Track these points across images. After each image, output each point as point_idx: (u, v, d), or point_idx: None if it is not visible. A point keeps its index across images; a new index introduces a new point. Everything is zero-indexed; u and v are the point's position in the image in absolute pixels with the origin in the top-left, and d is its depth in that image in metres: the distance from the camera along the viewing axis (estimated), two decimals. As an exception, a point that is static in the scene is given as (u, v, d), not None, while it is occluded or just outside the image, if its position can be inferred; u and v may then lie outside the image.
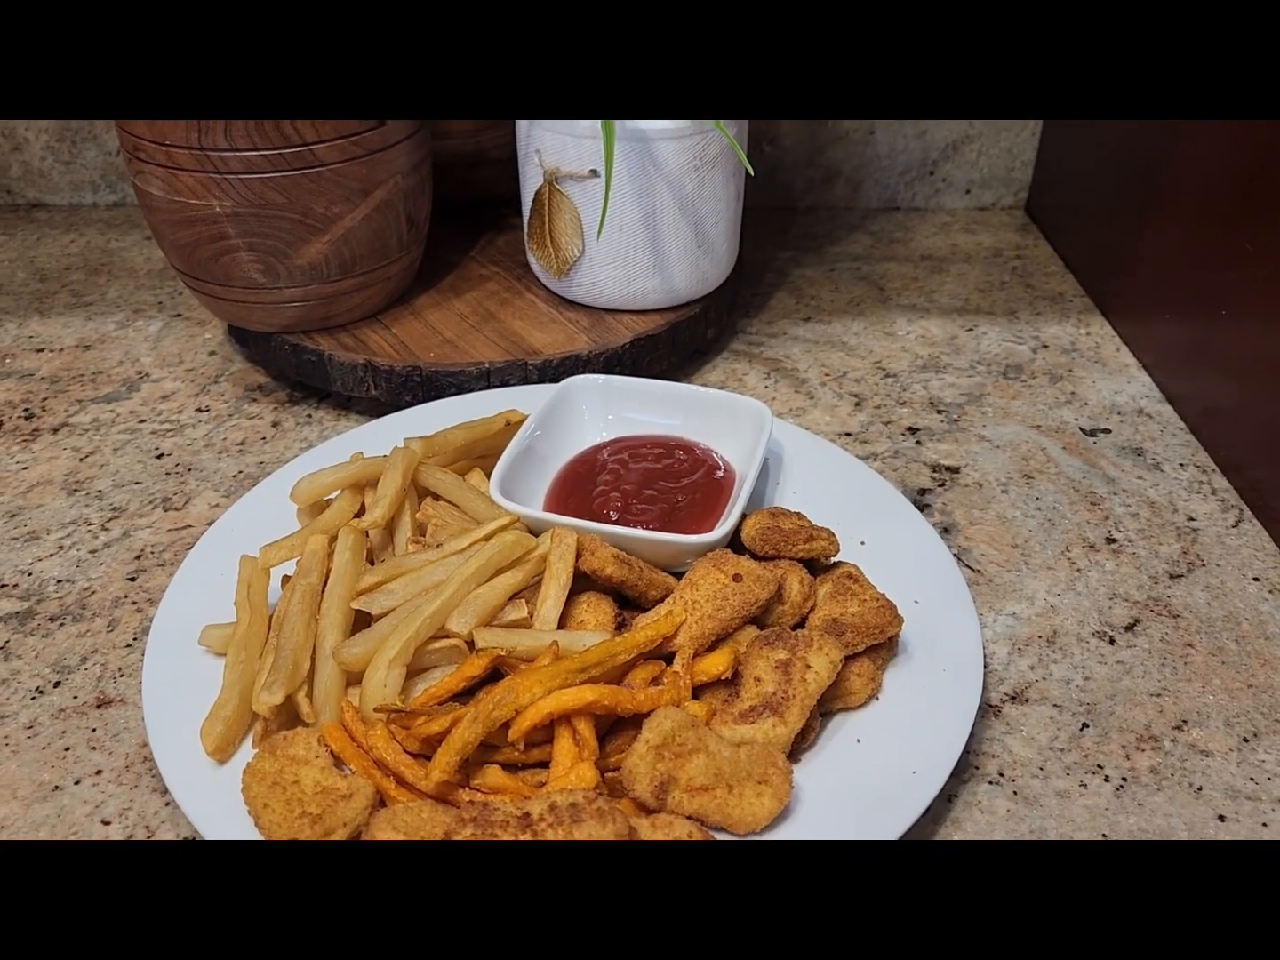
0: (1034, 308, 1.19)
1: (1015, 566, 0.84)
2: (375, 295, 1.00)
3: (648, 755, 0.59)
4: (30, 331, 1.14)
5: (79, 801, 0.66)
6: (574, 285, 1.02)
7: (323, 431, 0.99)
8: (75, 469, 0.94)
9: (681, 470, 0.83)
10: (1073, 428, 0.99)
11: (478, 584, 0.68)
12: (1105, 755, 0.69)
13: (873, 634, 0.68)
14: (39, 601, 0.80)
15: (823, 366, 1.09)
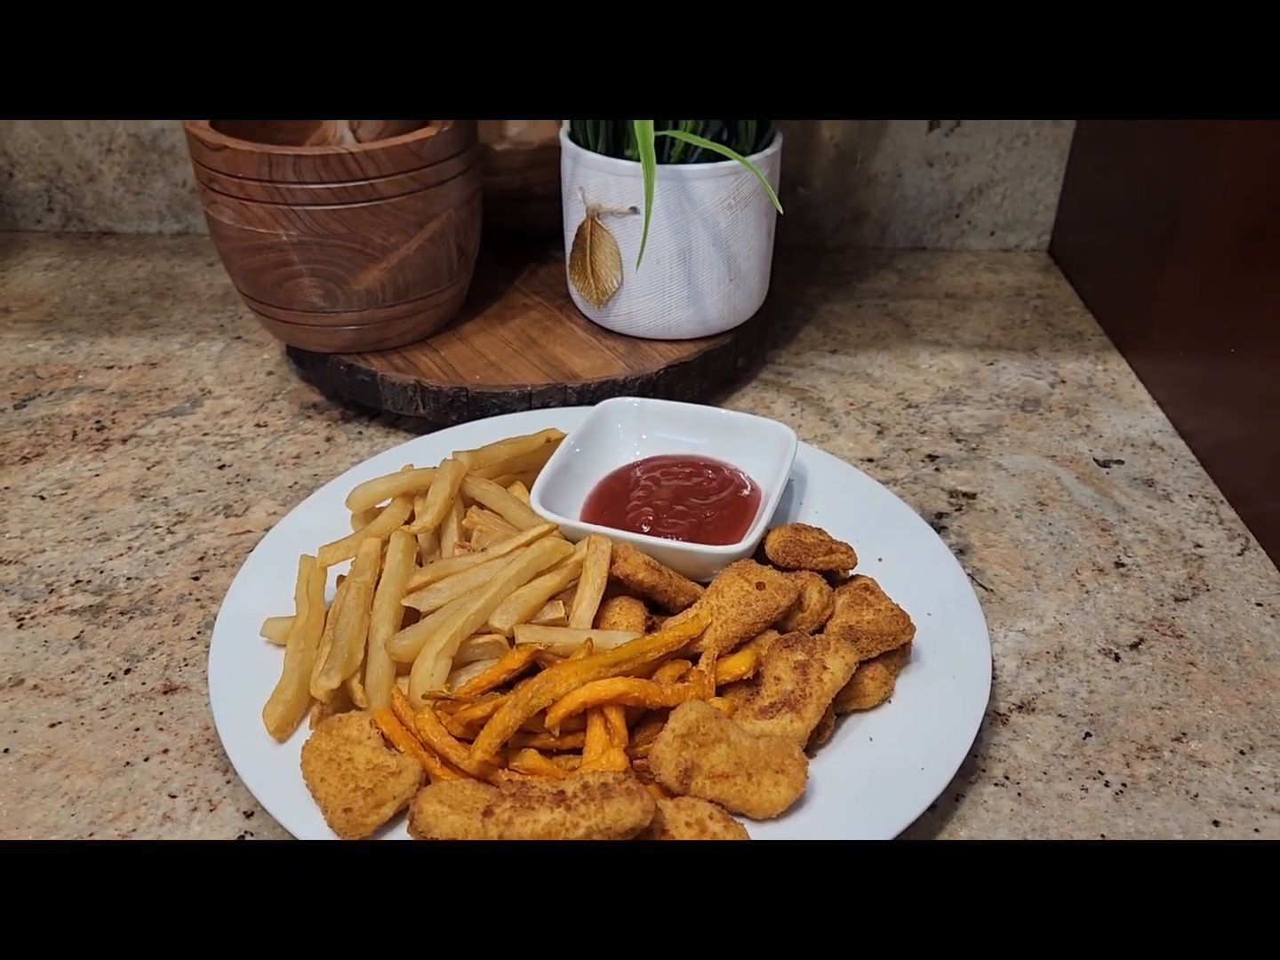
0: (1053, 344, 1.24)
1: (1027, 587, 0.88)
2: (426, 320, 1.06)
3: (673, 743, 0.63)
4: (101, 350, 1.21)
5: (148, 777, 0.71)
6: (612, 315, 1.08)
7: (373, 447, 1.05)
8: (143, 477, 1.01)
9: (710, 488, 0.88)
10: (1087, 459, 1.04)
11: (519, 585, 0.73)
12: (1106, 762, 0.73)
13: (886, 640, 0.72)
14: (110, 597, 0.86)
15: (848, 396, 1.14)
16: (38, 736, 0.74)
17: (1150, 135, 1.17)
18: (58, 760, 0.73)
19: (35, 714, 0.76)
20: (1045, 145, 1.39)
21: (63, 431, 1.07)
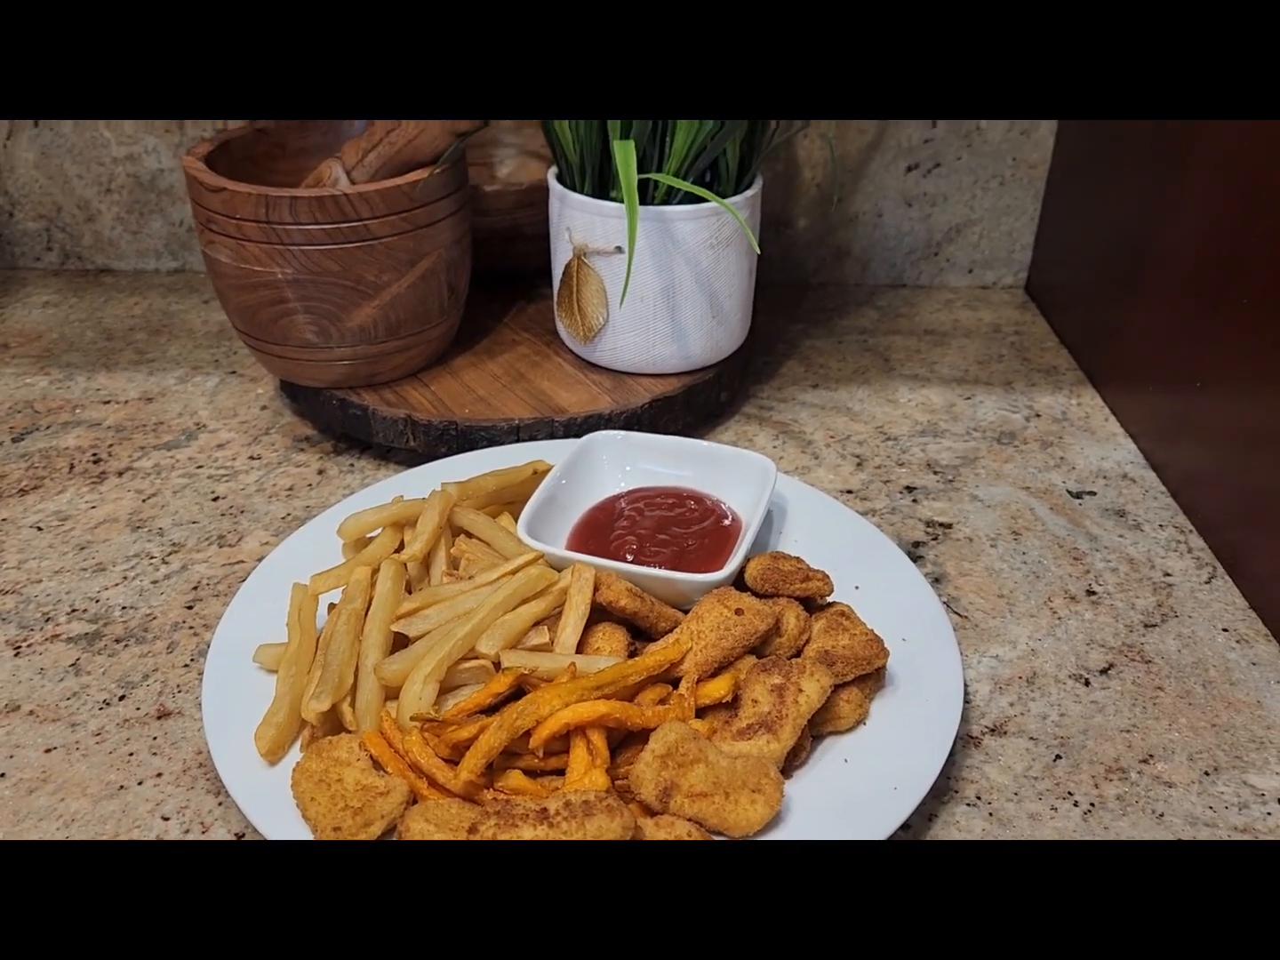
0: (1029, 379, 1.27)
1: (1000, 614, 0.90)
2: (417, 356, 1.09)
3: (653, 763, 0.65)
4: (98, 384, 1.24)
5: (141, 800, 0.73)
6: (598, 350, 1.11)
7: (364, 479, 1.07)
8: (138, 509, 1.03)
9: (692, 518, 0.90)
10: (1060, 490, 1.07)
11: (505, 611, 0.75)
12: (1075, 783, 0.75)
13: (861, 665, 0.74)
14: (105, 625, 0.88)
15: (828, 429, 1.17)
16: (33, 761, 0.76)
17: (1120, 176, 1.21)
18: (53, 784, 0.74)
19: (31, 739, 0.78)
20: (1020, 186, 1.43)
21: (60, 464, 1.09)
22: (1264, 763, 0.76)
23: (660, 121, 1.01)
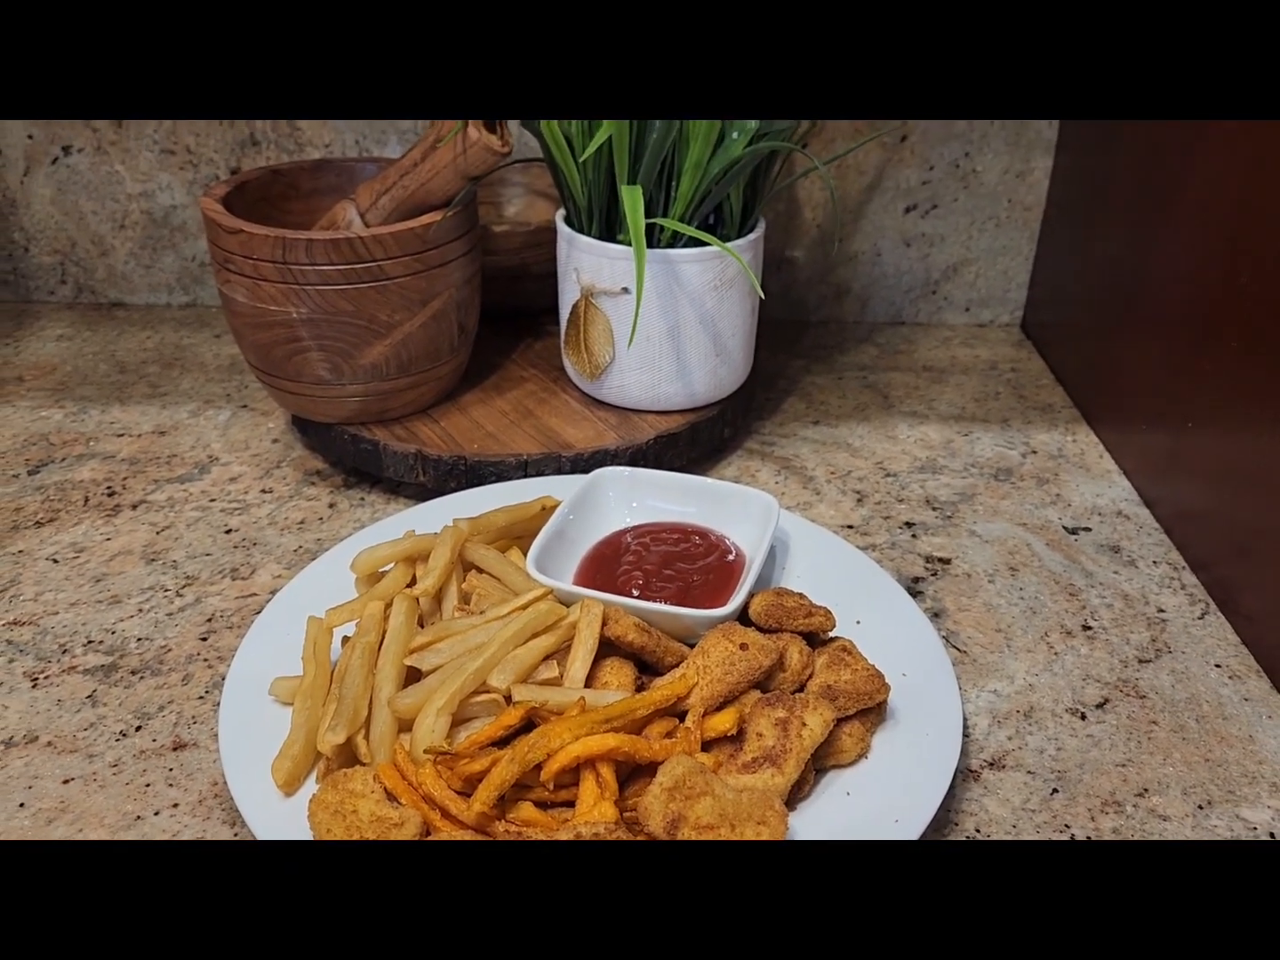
0: (1025, 416, 1.29)
1: (998, 649, 0.92)
2: (427, 392, 1.11)
3: (661, 796, 0.67)
4: (111, 418, 1.26)
5: (158, 830, 0.75)
6: (604, 388, 1.14)
7: (374, 513, 1.09)
8: (153, 541, 1.05)
9: (697, 553, 0.93)
10: (1056, 526, 1.09)
11: (515, 646, 0.77)
12: (1072, 816, 0.76)
13: (862, 699, 0.76)
14: (121, 657, 0.90)
15: (829, 465, 1.19)
16: (51, 792, 0.78)
17: (1111, 217, 1.24)
18: (71, 815, 0.76)
19: (49, 770, 0.79)
20: (1016, 226, 1.46)
21: (75, 497, 1.11)
22: (1256, 796, 0.78)
23: (666, 167, 1.04)
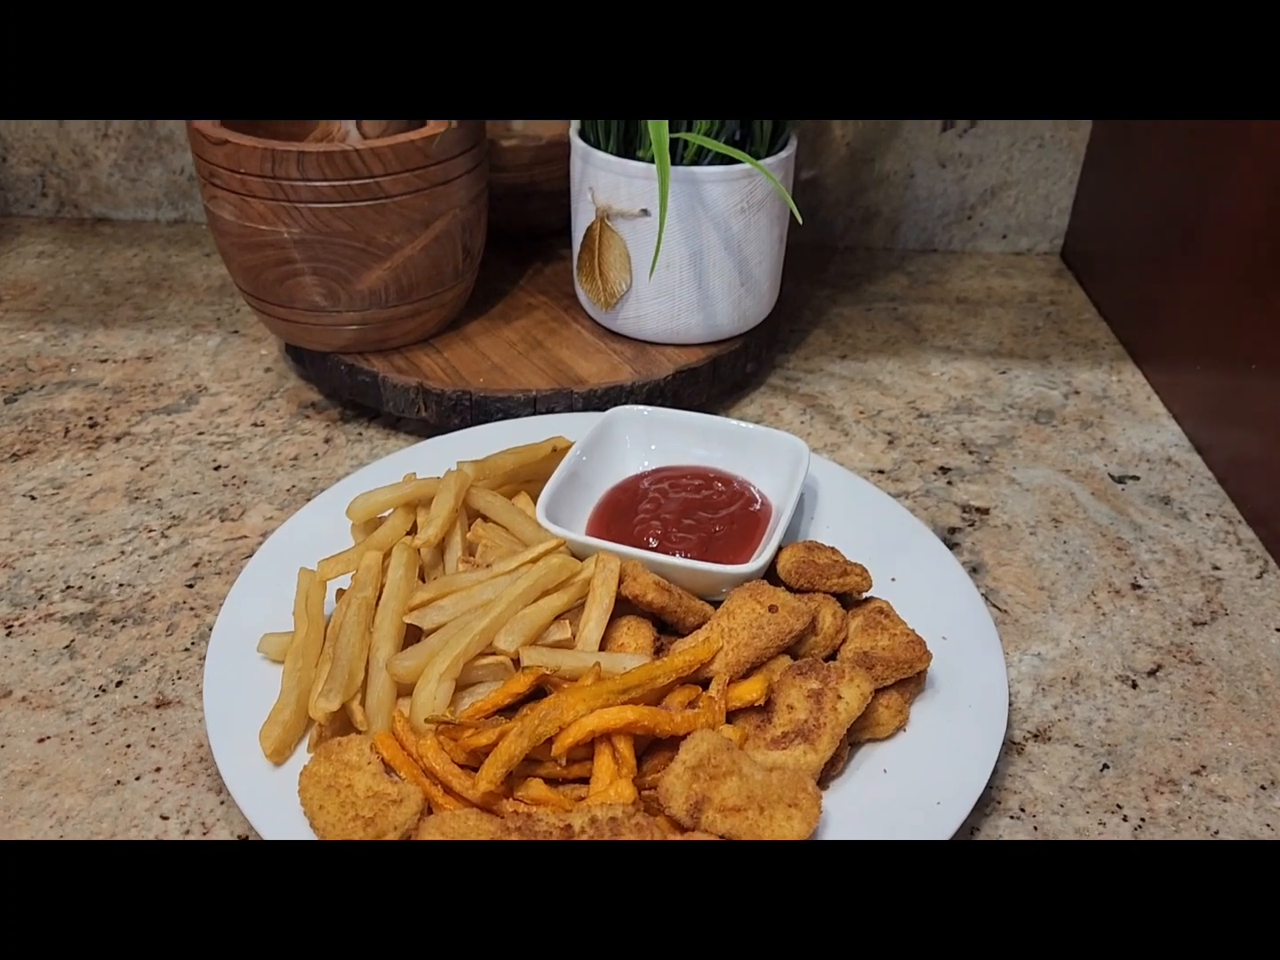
0: (1067, 353, 1.21)
1: (1041, 608, 0.86)
2: (429, 321, 1.04)
3: (684, 775, 0.61)
4: (95, 342, 1.19)
5: (139, 796, 0.69)
6: (620, 318, 1.06)
7: (373, 450, 1.02)
8: (136, 477, 0.98)
9: (720, 502, 0.86)
10: (1102, 474, 1.02)
11: (525, 604, 0.71)
12: (1124, 796, 0.71)
13: (902, 668, 0.70)
14: (101, 604, 0.84)
15: (857, 404, 1.11)
16: (26, 752, 0.72)
17: (1169, 141, 1.14)
18: (46, 778, 0.70)
19: (23, 728, 0.74)
20: (1060, 148, 1.36)
21: (54, 428, 1.04)
22: (1323, 777, 0.72)
23: (692, 75, 0.94)
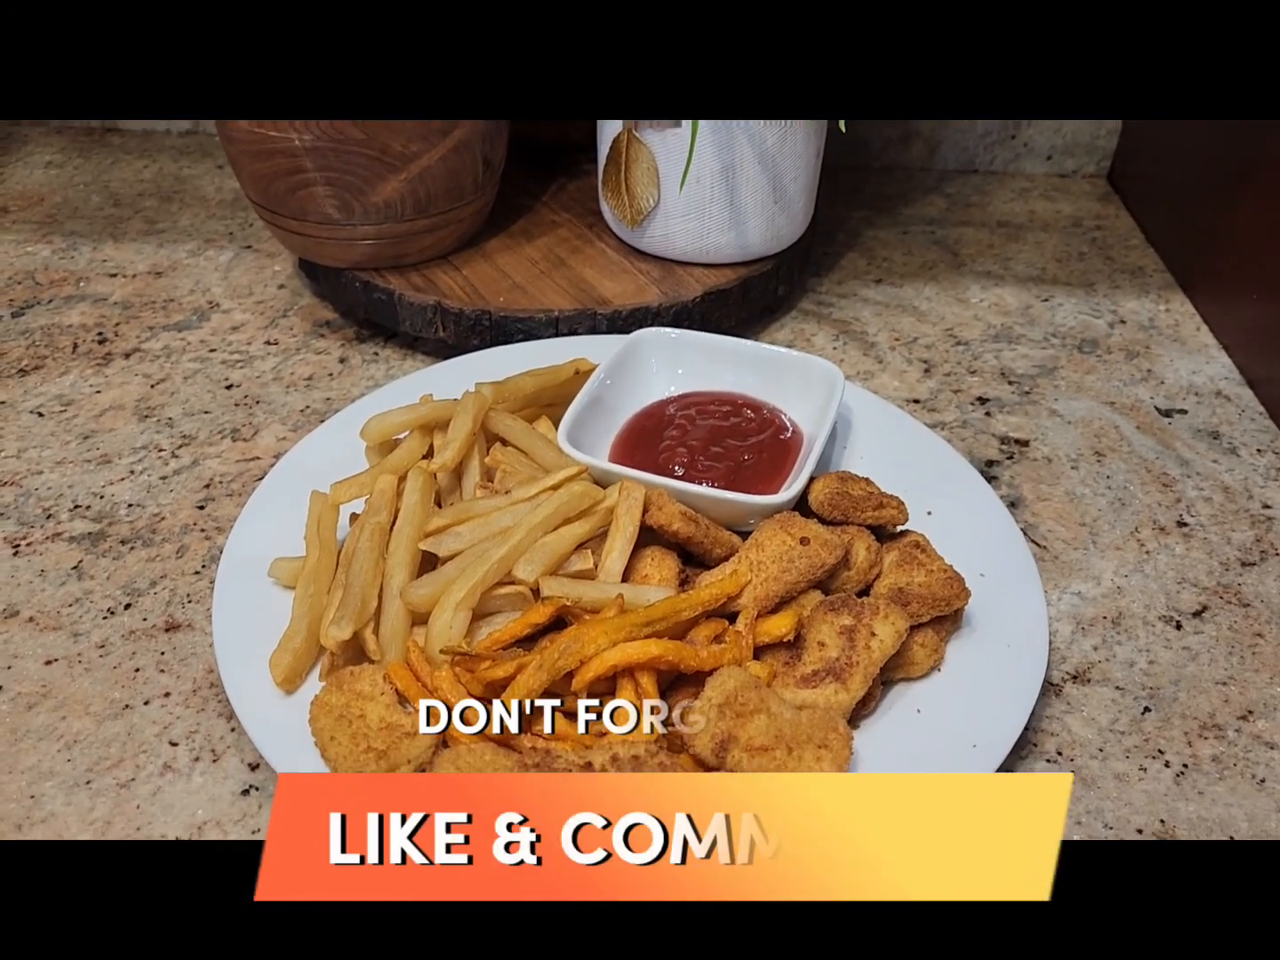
0: (1112, 281, 1.16)
1: (1082, 545, 0.82)
2: (448, 236, 0.99)
3: (710, 713, 0.59)
4: (104, 256, 1.15)
5: (148, 721, 0.68)
6: (646, 236, 1.01)
7: (389, 370, 0.99)
8: (146, 395, 0.95)
9: (749, 429, 0.82)
10: (1147, 406, 0.97)
11: (544, 532, 0.68)
12: (1167, 740, 0.68)
13: (939, 605, 0.67)
14: (110, 524, 0.82)
15: (892, 330, 1.07)
16: (33, 674, 0.70)
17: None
18: (53, 700, 0.69)
19: (31, 649, 0.72)
20: (1113, 63, 1.29)
21: (63, 343, 1.01)
22: (1377, 726, 0.69)
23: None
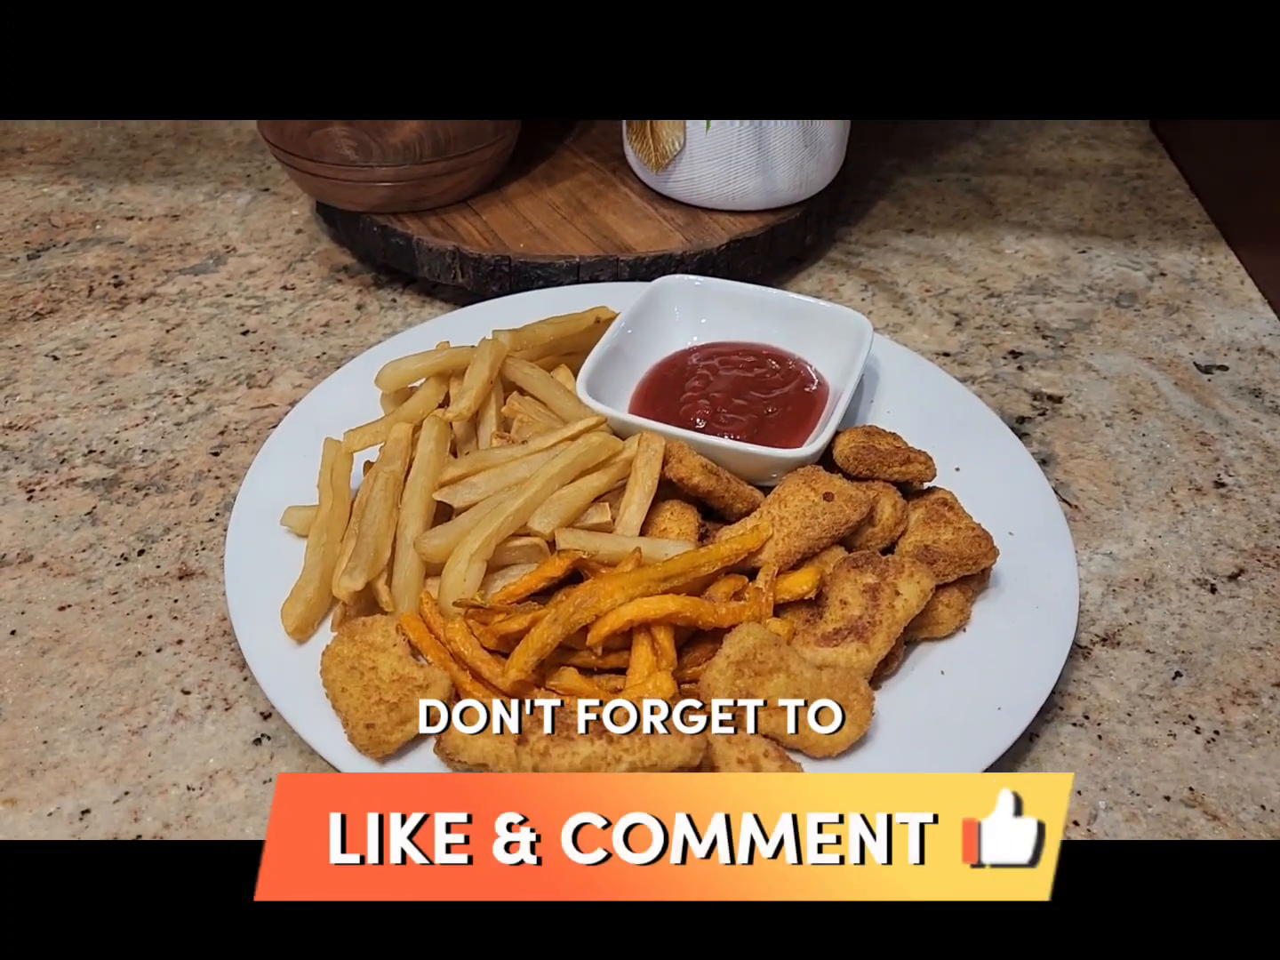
0: (1153, 232, 1.12)
1: (1115, 504, 0.80)
2: (467, 180, 0.97)
3: (727, 670, 0.57)
4: (120, 198, 1.13)
5: (160, 669, 0.67)
6: (671, 181, 0.98)
7: (407, 317, 0.97)
8: (162, 340, 0.94)
9: (773, 381, 0.80)
10: (1187, 362, 0.94)
11: (561, 484, 0.66)
12: (1198, 706, 0.66)
13: (966, 564, 0.65)
14: (124, 470, 0.81)
15: (923, 281, 1.04)
16: (46, 619, 0.70)
17: (1290, -6, 1.03)
18: (67, 646, 0.68)
19: (44, 594, 0.72)
20: (1161, 3, 1.24)
21: (78, 286, 1.00)
22: None
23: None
